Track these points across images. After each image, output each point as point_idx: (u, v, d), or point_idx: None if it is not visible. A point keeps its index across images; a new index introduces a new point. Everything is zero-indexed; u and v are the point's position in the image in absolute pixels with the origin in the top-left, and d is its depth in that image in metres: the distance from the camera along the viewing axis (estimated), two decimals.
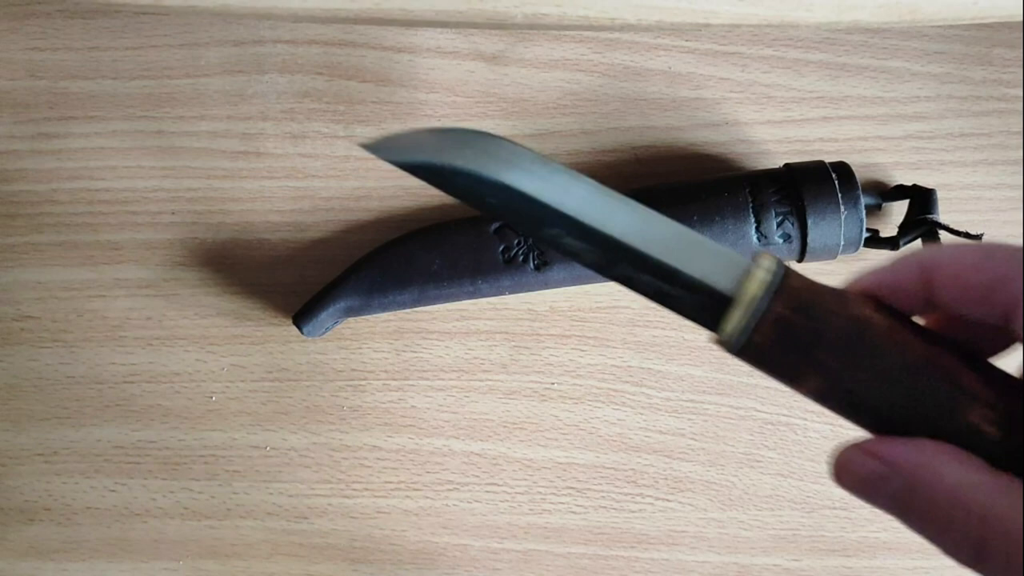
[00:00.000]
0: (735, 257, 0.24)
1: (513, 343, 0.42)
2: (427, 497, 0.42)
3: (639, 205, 0.25)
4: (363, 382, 0.42)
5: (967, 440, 0.22)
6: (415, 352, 0.42)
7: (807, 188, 0.38)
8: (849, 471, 0.23)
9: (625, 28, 0.36)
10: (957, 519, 0.22)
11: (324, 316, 0.40)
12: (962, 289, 0.23)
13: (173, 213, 0.42)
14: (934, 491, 0.22)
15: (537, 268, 0.39)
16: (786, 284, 0.23)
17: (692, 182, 0.40)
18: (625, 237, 0.24)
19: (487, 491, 0.42)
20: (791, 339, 0.23)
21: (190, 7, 0.37)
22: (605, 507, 0.42)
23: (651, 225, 0.24)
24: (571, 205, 0.24)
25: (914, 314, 0.24)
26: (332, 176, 0.42)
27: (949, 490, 0.22)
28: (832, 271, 0.41)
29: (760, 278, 0.23)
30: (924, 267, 0.23)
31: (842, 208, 0.38)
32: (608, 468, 0.42)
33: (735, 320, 0.23)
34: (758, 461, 0.42)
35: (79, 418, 0.42)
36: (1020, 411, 0.22)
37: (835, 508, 0.42)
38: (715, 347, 0.24)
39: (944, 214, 0.41)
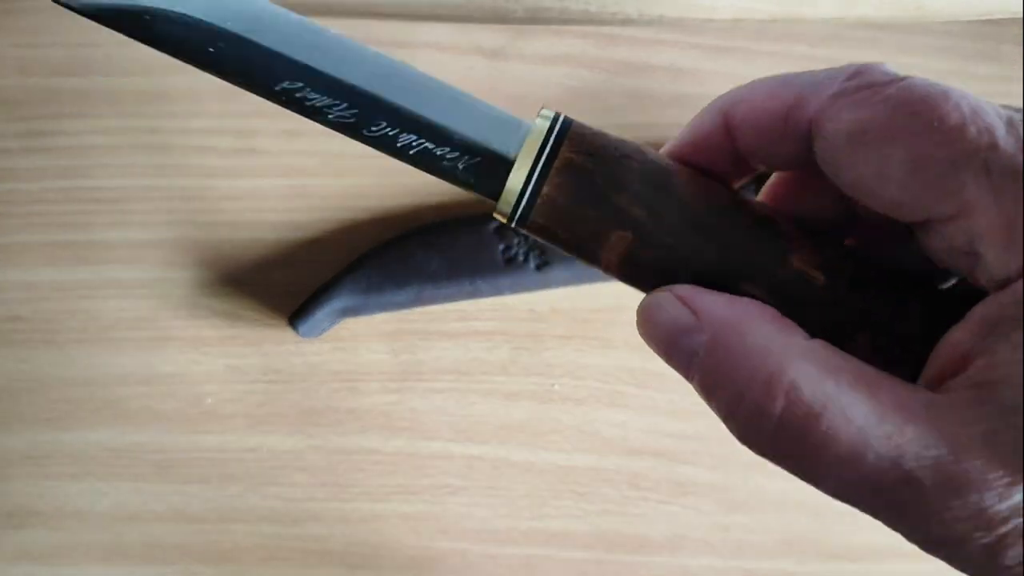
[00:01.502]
0: (513, 118, 0.21)
1: (513, 344, 0.41)
2: (425, 501, 0.41)
3: (398, 61, 0.22)
4: (360, 384, 0.41)
5: (794, 290, 0.20)
6: (413, 353, 0.41)
7: None
8: (653, 317, 0.21)
9: (627, 23, 0.36)
10: (751, 389, 0.18)
11: (320, 317, 0.39)
12: (757, 126, 0.20)
13: (166, 212, 0.41)
14: (732, 352, 0.19)
15: (537, 268, 0.39)
16: (573, 130, 0.21)
17: None
18: (380, 89, 0.21)
19: (487, 495, 0.41)
20: (587, 187, 0.20)
21: None
22: (607, 511, 0.41)
23: (413, 80, 0.22)
24: (311, 53, 0.21)
25: (726, 177, 0.22)
26: (328, 174, 0.41)
27: (748, 351, 0.19)
28: None
29: (541, 125, 0.21)
30: (724, 111, 0.21)
31: None
32: (610, 471, 0.41)
33: (519, 175, 0.20)
34: (763, 464, 0.41)
35: (70, 420, 0.41)
36: (839, 257, 0.20)
37: (842, 512, 0.41)
38: (500, 219, 0.21)
39: None
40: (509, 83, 0.41)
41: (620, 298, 0.42)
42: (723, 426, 0.44)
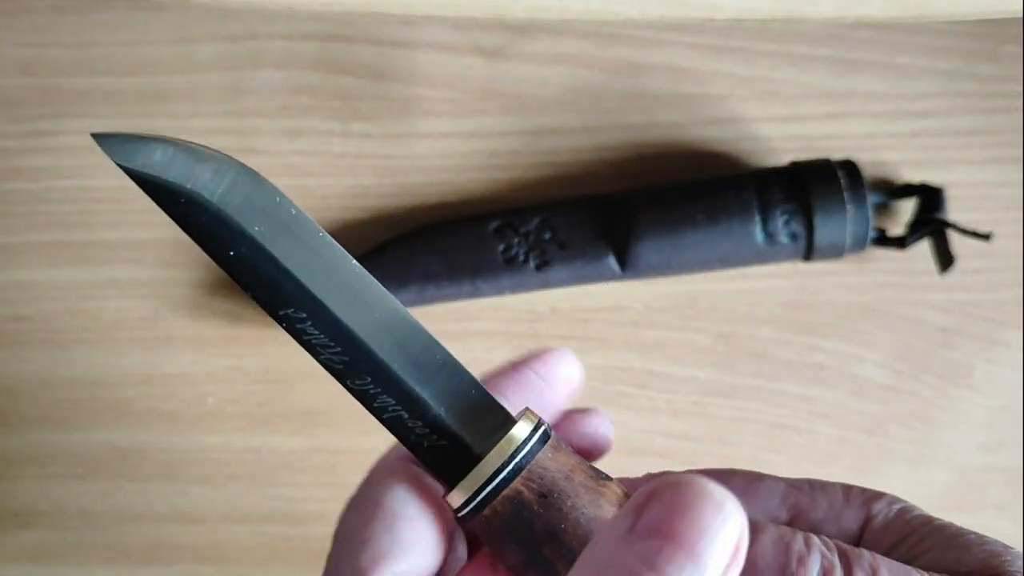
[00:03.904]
0: (498, 408, 0.21)
1: (513, 344, 0.41)
2: None
3: (410, 317, 0.21)
4: None
5: None
6: None
7: (814, 186, 0.38)
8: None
9: (627, 23, 0.36)
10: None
11: None
12: None
13: None
14: None
15: (538, 268, 0.39)
16: (538, 463, 0.20)
17: (696, 180, 0.39)
18: (377, 345, 0.21)
19: None
20: (522, 528, 0.20)
21: (184, 1, 0.37)
22: None
23: (413, 340, 0.21)
24: (325, 284, 0.21)
25: None
26: (328, 174, 0.41)
27: None
28: (838, 270, 0.41)
29: (515, 440, 0.20)
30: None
31: (848, 207, 0.38)
32: (610, 471, 0.41)
33: (477, 477, 0.20)
34: (763, 464, 0.41)
35: (73, 421, 0.41)
36: None
37: None
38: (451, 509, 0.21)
39: (952, 212, 0.40)
40: (508, 83, 0.41)
41: (620, 298, 0.42)
42: (724, 427, 0.44)
